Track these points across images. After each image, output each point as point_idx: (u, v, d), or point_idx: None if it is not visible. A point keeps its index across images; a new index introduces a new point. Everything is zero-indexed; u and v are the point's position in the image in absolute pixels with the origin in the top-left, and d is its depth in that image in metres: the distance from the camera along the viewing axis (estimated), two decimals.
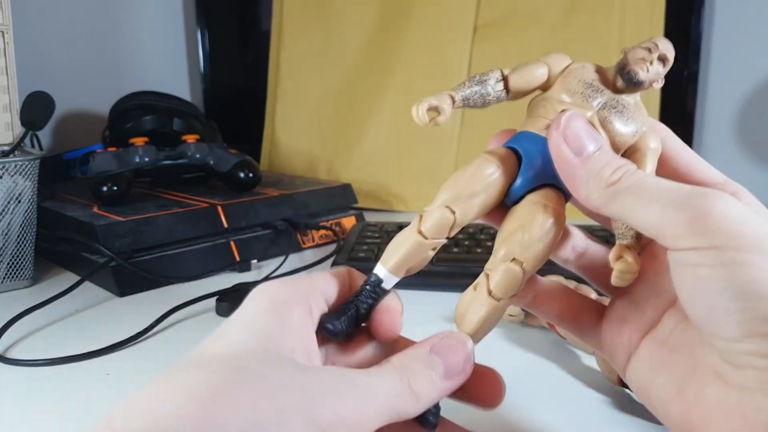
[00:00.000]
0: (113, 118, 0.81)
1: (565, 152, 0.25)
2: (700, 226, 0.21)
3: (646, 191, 0.23)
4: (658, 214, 0.22)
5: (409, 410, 0.23)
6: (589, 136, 0.25)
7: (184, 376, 0.21)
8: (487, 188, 0.26)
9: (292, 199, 0.71)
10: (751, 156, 0.92)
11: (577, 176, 0.25)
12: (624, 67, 0.26)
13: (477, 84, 0.27)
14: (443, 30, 0.88)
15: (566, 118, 0.25)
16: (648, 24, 0.81)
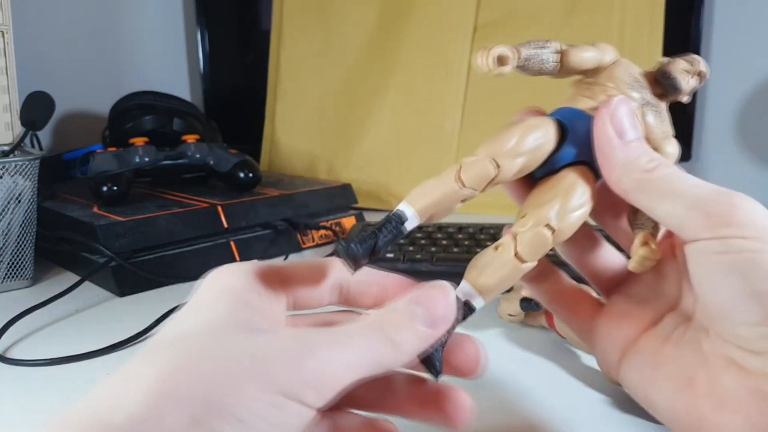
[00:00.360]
0: (113, 118, 0.81)
1: (609, 132, 0.26)
2: (726, 218, 0.23)
3: (677, 184, 0.24)
4: (685, 207, 0.24)
5: (391, 361, 0.22)
6: (633, 124, 0.26)
7: (135, 366, 0.20)
8: (533, 152, 0.26)
9: (292, 199, 0.71)
10: (751, 156, 0.92)
11: (614, 157, 0.26)
12: (667, 75, 0.28)
13: (539, 48, 0.27)
14: (443, 30, 0.88)
15: (617, 101, 0.26)
16: (648, 24, 0.81)
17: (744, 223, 0.22)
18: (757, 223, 0.22)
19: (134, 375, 0.20)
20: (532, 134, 0.26)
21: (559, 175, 0.27)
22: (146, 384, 0.19)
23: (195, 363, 0.20)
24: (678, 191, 0.24)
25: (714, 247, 0.23)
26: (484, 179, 0.25)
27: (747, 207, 0.23)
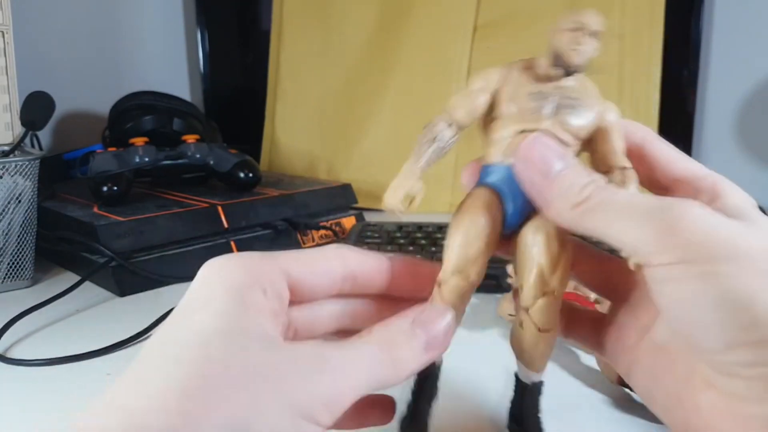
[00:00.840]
0: (113, 118, 0.81)
1: (531, 177, 0.25)
2: (669, 240, 0.21)
3: (615, 208, 0.23)
4: (629, 231, 0.22)
5: (390, 380, 0.23)
6: (555, 155, 0.25)
7: (157, 374, 0.20)
8: (488, 240, 0.26)
9: (292, 199, 0.71)
10: (751, 156, 0.92)
11: (545, 197, 0.25)
12: (557, 57, 0.26)
13: (431, 143, 0.26)
14: (443, 30, 0.88)
15: (527, 145, 0.25)
16: (648, 24, 0.81)
17: (687, 243, 0.21)
18: (701, 240, 0.21)
19: (156, 388, 0.20)
20: (479, 229, 0.26)
21: (523, 238, 0.26)
22: (173, 403, 0.19)
23: (222, 382, 0.20)
24: (617, 216, 0.23)
25: (665, 274, 0.22)
26: (466, 295, 0.26)
27: (687, 221, 0.21)
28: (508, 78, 0.27)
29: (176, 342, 0.21)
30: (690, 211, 0.22)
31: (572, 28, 0.26)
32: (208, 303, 0.22)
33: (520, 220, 0.26)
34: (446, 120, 0.26)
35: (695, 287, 0.21)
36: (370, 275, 0.27)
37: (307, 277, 0.26)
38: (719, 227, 0.22)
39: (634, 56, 0.82)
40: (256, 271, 0.24)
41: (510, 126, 0.26)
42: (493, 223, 0.26)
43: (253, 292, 0.23)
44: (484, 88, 0.26)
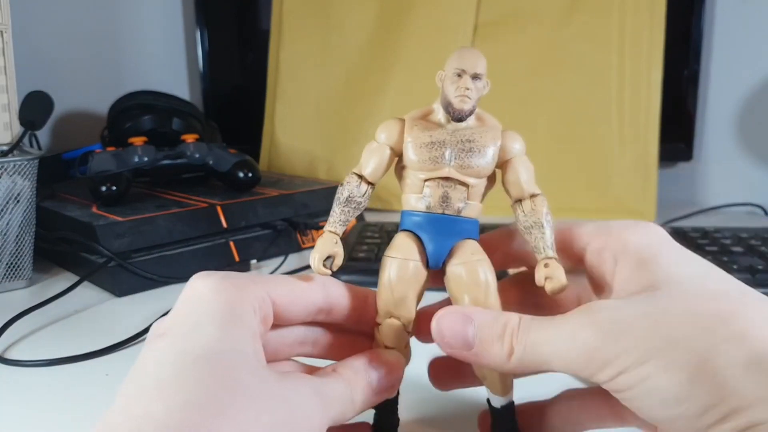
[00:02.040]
0: (112, 117, 0.81)
1: (456, 353, 0.26)
2: (596, 361, 0.23)
3: (539, 348, 0.24)
4: (566, 363, 0.24)
5: (348, 415, 0.25)
6: (463, 323, 0.26)
7: (163, 392, 0.20)
8: (411, 282, 0.28)
9: (291, 199, 0.71)
10: (751, 156, 0.92)
11: (482, 363, 0.26)
12: (447, 106, 0.27)
13: (346, 203, 0.28)
14: (443, 30, 0.88)
15: (435, 329, 0.26)
16: (648, 23, 0.81)
17: (609, 358, 0.22)
18: (618, 352, 0.22)
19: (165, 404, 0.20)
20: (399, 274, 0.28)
21: (451, 276, 0.28)
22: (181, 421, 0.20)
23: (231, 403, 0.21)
24: (546, 352, 0.24)
25: (615, 387, 0.23)
26: (400, 334, 0.28)
27: (603, 340, 0.23)
28: (409, 128, 0.28)
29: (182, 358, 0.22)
30: (599, 321, 0.23)
31: (455, 73, 0.27)
32: (208, 321, 0.23)
33: (443, 257, 0.28)
34: (356, 179, 0.29)
35: (641, 394, 0.22)
36: (346, 309, 0.29)
37: (289, 304, 0.27)
38: (631, 324, 0.23)
39: (635, 57, 0.82)
40: (248, 294, 0.25)
41: (416, 174, 0.28)
42: (416, 265, 0.28)
43: (246, 315, 0.24)
44: (386, 141, 0.28)
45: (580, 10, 0.83)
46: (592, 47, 0.83)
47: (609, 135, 0.83)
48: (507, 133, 0.28)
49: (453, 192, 0.28)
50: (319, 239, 0.28)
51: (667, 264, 0.25)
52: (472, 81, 0.27)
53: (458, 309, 0.26)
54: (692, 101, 0.89)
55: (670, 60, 0.81)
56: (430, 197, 0.28)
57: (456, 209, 0.28)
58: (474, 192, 0.28)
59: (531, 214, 0.28)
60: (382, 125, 0.29)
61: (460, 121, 0.27)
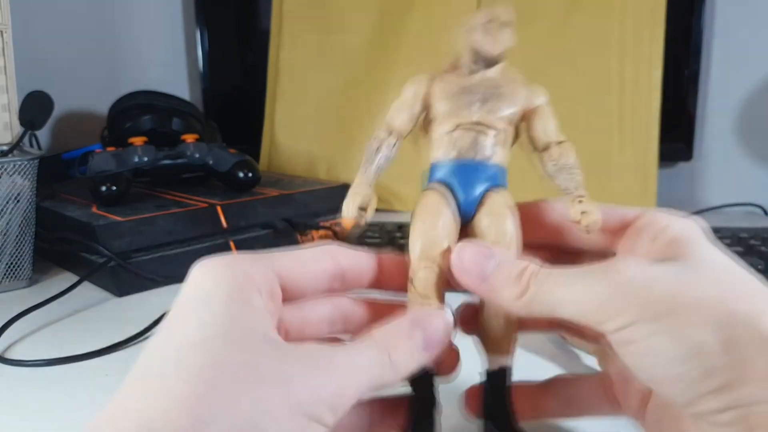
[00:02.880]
0: (112, 117, 0.81)
1: (471, 284, 0.26)
2: (613, 306, 0.22)
3: (556, 289, 0.24)
4: (576, 306, 0.23)
5: (389, 380, 0.24)
6: (483, 257, 0.26)
7: (164, 377, 0.20)
8: (447, 231, 0.27)
9: (291, 199, 0.71)
10: (751, 156, 0.92)
11: (491, 296, 0.26)
12: (476, 53, 0.27)
13: (378, 152, 0.28)
14: (443, 29, 0.87)
15: (457, 259, 0.26)
16: (648, 23, 0.81)
17: (629, 305, 0.22)
18: (641, 299, 0.22)
19: (167, 391, 0.20)
20: (436, 220, 0.27)
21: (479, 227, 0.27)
22: (183, 405, 0.19)
23: (230, 384, 0.20)
24: (561, 295, 0.24)
25: (621, 338, 0.23)
26: (436, 286, 0.27)
27: (624, 283, 0.23)
28: (436, 81, 0.28)
29: (181, 344, 0.21)
30: (626, 271, 0.23)
31: (483, 22, 0.27)
32: (208, 304, 0.23)
33: (473, 207, 0.28)
34: (387, 130, 0.28)
35: (649, 347, 0.22)
36: (360, 272, 0.28)
37: (297, 276, 0.26)
38: (657, 281, 0.23)
39: (635, 56, 0.82)
40: (250, 272, 0.24)
41: (446, 123, 0.28)
42: (447, 214, 0.27)
43: (249, 292, 0.23)
44: (416, 95, 0.28)
45: (580, 10, 0.83)
46: (592, 47, 0.83)
47: (609, 135, 0.83)
48: (533, 86, 0.29)
49: (483, 137, 0.27)
50: (354, 184, 0.27)
51: (697, 245, 0.25)
52: (502, 28, 0.27)
53: (484, 244, 0.26)
54: (692, 101, 0.89)
55: (670, 60, 0.81)
56: (461, 141, 0.28)
57: (486, 155, 0.28)
58: (502, 138, 0.28)
59: (560, 157, 0.28)
60: (410, 81, 0.29)
61: (491, 66, 0.28)
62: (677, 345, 0.21)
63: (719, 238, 0.62)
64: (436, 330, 0.25)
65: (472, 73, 0.28)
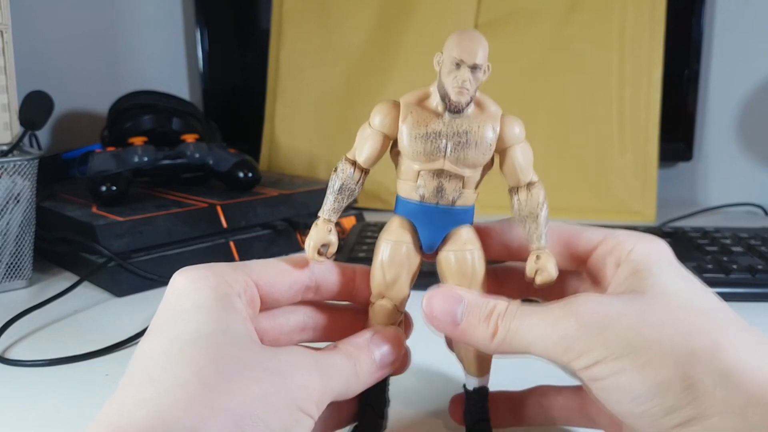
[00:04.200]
0: (112, 117, 0.80)
1: (444, 330, 0.27)
2: (576, 348, 0.23)
3: (523, 330, 0.25)
4: (543, 348, 0.24)
5: (353, 388, 0.26)
6: (453, 302, 0.27)
7: (172, 370, 0.21)
8: (403, 264, 0.28)
9: (291, 199, 0.71)
10: (751, 156, 0.92)
11: (466, 340, 0.27)
12: (444, 98, 0.26)
13: (340, 191, 0.28)
14: (443, 29, 0.87)
15: (427, 307, 0.27)
16: (648, 23, 0.81)
17: (589, 347, 0.23)
18: (599, 340, 0.23)
19: (177, 380, 0.21)
20: (393, 255, 0.28)
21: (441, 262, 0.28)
22: (195, 393, 0.20)
23: (235, 375, 0.22)
24: (529, 336, 0.25)
25: (587, 376, 0.23)
26: (392, 315, 0.29)
27: (583, 325, 0.23)
28: (404, 115, 0.27)
29: (180, 342, 0.22)
30: (586, 311, 0.24)
31: (453, 65, 0.26)
32: (198, 308, 0.24)
33: (437, 244, 0.28)
34: (350, 166, 0.29)
35: (613, 386, 0.23)
36: (333, 285, 0.29)
37: (274, 286, 0.27)
38: (616, 321, 0.23)
39: (635, 56, 0.82)
40: (230, 280, 0.25)
41: (412, 165, 0.28)
42: (409, 248, 0.28)
43: (231, 297, 0.25)
44: (381, 127, 0.28)
45: (581, 9, 0.83)
46: (592, 47, 0.83)
47: (609, 135, 0.83)
48: (506, 119, 0.27)
49: (447, 183, 0.27)
50: (313, 227, 0.28)
51: (659, 274, 0.25)
52: (470, 72, 0.26)
53: (450, 289, 0.27)
54: (692, 101, 0.89)
55: (670, 60, 0.81)
56: (424, 188, 0.28)
57: (450, 200, 0.28)
58: (469, 181, 0.28)
59: (526, 204, 0.28)
60: (376, 108, 0.28)
61: (458, 113, 0.27)
62: (640, 383, 0.22)
63: (719, 238, 0.62)
64: (389, 352, 0.27)
65: (441, 109, 0.27)
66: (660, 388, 0.22)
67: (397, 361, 0.28)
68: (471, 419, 0.30)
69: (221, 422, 0.20)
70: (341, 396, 0.25)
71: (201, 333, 0.22)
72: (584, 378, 0.24)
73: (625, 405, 0.23)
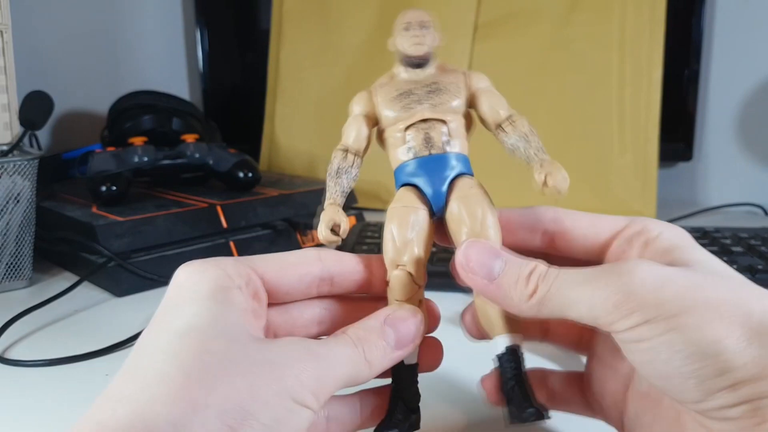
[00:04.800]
0: (112, 117, 0.81)
1: (477, 284, 0.26)
2: (626, 306, 0.22)
3: (565, 289, 0.24)
4: (586, 308, 0.23)
5: (364, 376, 0.25)
6: (490, 256, 0.26)
7: (155, 364, 0.21)
8: (413, 228, 0.28)
9: (291, 199, 0.71)
10: (751, 156, 0.92)
11: (497, 298, 0.26)
12: (404, 57, 0.29)
13: (337, 175, 0.29)
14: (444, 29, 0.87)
15: (463, 250, 0.26)
16: (648, 23, 0.81)
17: (643, 304, 0.22)
18: (654, 298, 0.22)
19: (159, 377, 0.21)
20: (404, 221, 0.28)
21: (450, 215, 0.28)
22: (180, 391, 0.20)
23: (221, 370, 0.21)
24: (571, 295, 0.24)
25: (631, 337, 0.23)
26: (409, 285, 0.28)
27: (637, 283, 0.22)
28: (376, 91, 0.29)
29: (169, 335, 0.22)
30: (639, 271, 0.23)
31: (404, 27, 0.28)
32: (192, 301, 0.23)
33: (443, 199, 0.28)
34: (341, 152, 0.29)
35: (663, 345, 0.22)
36: (348, 276, 0.29)
37: (282, 278, 0.27)
38: (671, 281, 0.23)
39: (635, 56, 0.82)
40: (231, 273, 0.25)
41: (396, 128, 0.29)
42: (417, 211, 0.28)
43: (230, 291, 0.24)
44: (360, 111, 0.29)
45: (581, 10, 0.83)
46: (592, 47, 0.83)
47: (609, 135, 0.83)
48: (471, 73, 0.29)
49: (433, 132, 0.28)
50: (322, 212, 0.28)
51: (696, 252, 0.25)
52: (420, 29, 0.28)
53: (488, 242, 0.26)
54: (692, 101, 0.89)
55: (670, 60, 0.81)
56: (413, 143, 0.28)
57: (441, 147, 0.28)
58: (454, 129, 0.28)
59: (513, 131, 0.28)
60: (353, 99, 0.30)
61: (419, 66, 0.29)
62: (692, 342, 0.21)
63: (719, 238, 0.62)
64: (407, 330, 0.26)
65: (407, 75, 0.29)
66: (715, 347, 0.21)
67: (416, 341, 0.26)
68: (507, 385, 0.27)
69: (204, 417, 0.20)
70: (350, 383, 0.24)
71: (190, 326, 0.22)
72: (626, 338, 0.23)
73: (671, 366, 0.22)
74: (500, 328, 0.27)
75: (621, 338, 0.23)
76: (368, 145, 0.30)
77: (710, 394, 0.21)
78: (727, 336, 0.21)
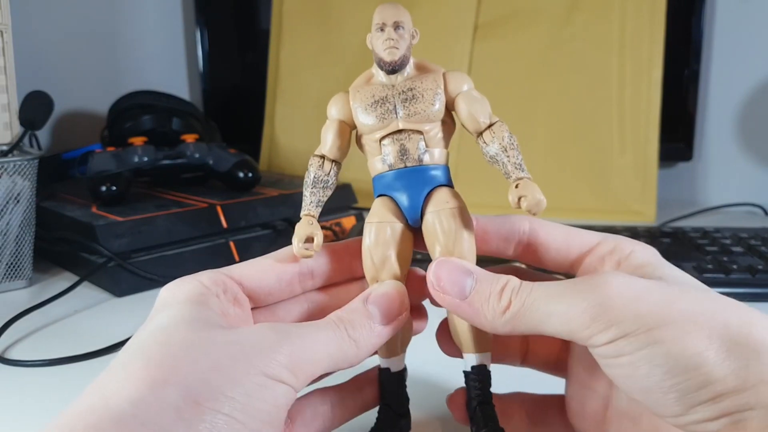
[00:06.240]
0: (112, 117, 0.81)
1: (449, 303, 0.25)
2: (603, 318, 0.22)
3: (540, 303, 0.23)
4: (563, 321, 0.23)
5: (351, 356, 0.25)
6: (461, 274, 0.25)
7: (121, 359, 0.23)
8: (389, 243, 0.27)
9: (291, 199, 0.71)
10: (751, 156, 0.92)
11: (472, 316, 0.25)
12: (380, 62, 0.28)
13: (313, 185, 0.29)
14: (444, 29, 0.88)
15: (433, 270, 0.26)
16: (648, 23, 0.81)
17: (620, 318, 0.22)
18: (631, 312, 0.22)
19: (123, 368, 0.22)
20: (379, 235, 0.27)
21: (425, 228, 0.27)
22: (139, 373, 0.21)
23: (182, 352, 0.22)
24: (545, 311, 0.23)
25: (609, 351, 0.22)
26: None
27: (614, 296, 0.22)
28: (353, 96, 0.28)
29: (137, 338, 0.23)
30: (615, 283, 0.23)
31: (378, 28, 0.27)
32: (170, 306, 0.24)
33: (419, 211, 0.28)
34: (318, 160, 0.29)
35: (642, 359, 0.22)
36: (326, 265, 0.29)
37: (261, 281, 0.27)
38: (648, 292, 0.22)
39: (635, 57, 0.82)
40: (208, 284, 0.26)
41: (372, 137, 0.28)
42: (393, 226, 0.28)
43: (206, 296, 0.25)
44: (337, 115, 0.29)
45: (580, 10, 0.83)
46: (592, 47, 0.83)
47: (609, 135, 0.83)
48: (450, 74, 0.28)
49: (409, 143, 0.27)
50: (297, 224, 0.28)
51: (669, 269, 0.25)
52: (395, 31, 0.27)
53: (458, 260, 0.26)
54: (692, 101, 0.89)
55: (670, 60, 0.81)
56: (389, 155, 0.28)
57: (417, 159, 0.27)
58: (431, 138, 0.28)
59: (492, 142, 0.27)
60: (331, 100, 0.29)
61: (394, 72, 0.28)
62: (672, 356, 0.21)
63: (719, 238, 0.62)
64: (390, 303, 0.26)
65: (384, 79, 0.28)
66: (695, 360, 0.21)
67: (400, 316, 0.26)
68: (471, 405, 0.27)
69: (161, 393, 0.20)
70: (340, 363, 0.24)
71: (160, 325, 0.23)
72: (604, 353, 0.22)
73: (651, 380, 0.21)
74: (468, 346, 0.27)
75: (599, 353, 0.23)
76: (347, 149, 0.29)
77: (691, 408, 0.21)
78: (706, 348, 0.21)
